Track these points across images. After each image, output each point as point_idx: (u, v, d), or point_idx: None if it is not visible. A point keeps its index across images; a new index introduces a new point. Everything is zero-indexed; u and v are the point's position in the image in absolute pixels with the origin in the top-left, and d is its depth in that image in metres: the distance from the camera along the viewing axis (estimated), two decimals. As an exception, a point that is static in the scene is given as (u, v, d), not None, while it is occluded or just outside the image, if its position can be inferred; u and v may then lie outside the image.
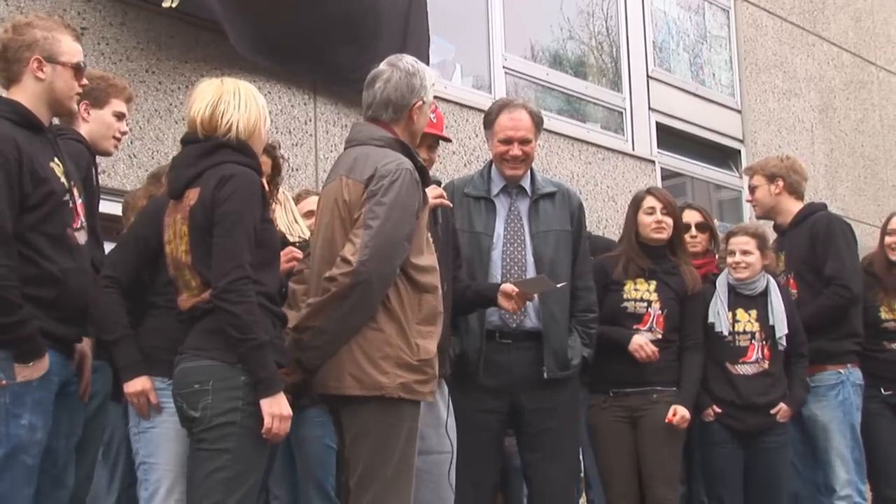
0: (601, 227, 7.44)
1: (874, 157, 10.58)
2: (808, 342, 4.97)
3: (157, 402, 3.36)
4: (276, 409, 3.10)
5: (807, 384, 4.97)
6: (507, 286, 4.00)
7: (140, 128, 5.23)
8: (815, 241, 5.13)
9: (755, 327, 4.83)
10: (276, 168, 4.11)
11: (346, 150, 3.58)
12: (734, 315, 4.85)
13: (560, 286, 4.11)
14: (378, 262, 3.25)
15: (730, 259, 4.92)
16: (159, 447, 3.38)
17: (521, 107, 4.38)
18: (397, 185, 3.31)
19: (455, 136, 6.48)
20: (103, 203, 3.98)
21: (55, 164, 3.26)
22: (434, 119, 3.96)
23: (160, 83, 5.38)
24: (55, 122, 3.52)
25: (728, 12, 9.46)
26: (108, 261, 3.55)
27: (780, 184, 5.32)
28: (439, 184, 4.07)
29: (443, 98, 6.22)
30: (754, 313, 4.86)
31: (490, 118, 4.41)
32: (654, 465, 4.55)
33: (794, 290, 5.13)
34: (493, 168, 4.41)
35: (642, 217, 4.74)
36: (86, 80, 3.41)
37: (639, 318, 4.63)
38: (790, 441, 4.95)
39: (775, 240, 5.40)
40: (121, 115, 3.93)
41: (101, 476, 3.90)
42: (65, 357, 3.28)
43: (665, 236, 4.73)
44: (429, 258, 3.46)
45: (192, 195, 3.20)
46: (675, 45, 8.92)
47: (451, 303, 3.87)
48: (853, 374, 5.09)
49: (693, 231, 5.10)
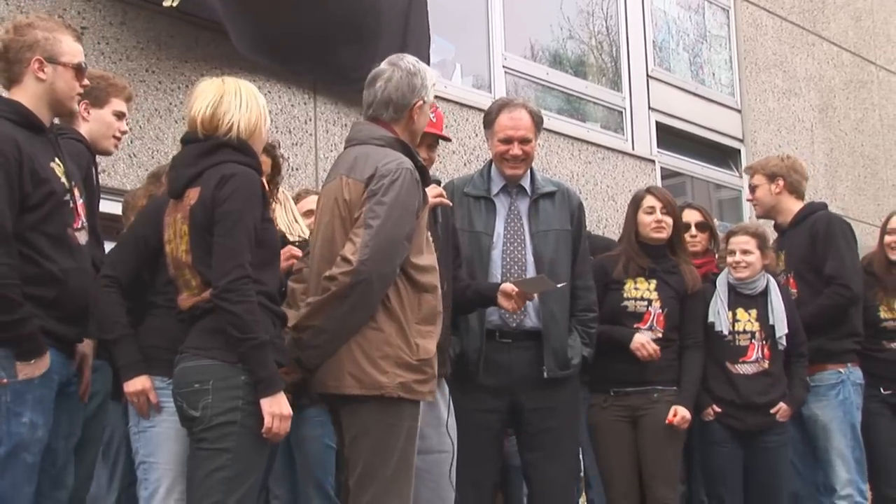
0: (601, 226, 7.44)
1: (874, 156, 10.58)
2: (808, 341, 4.96)
3: (157, 401, 3.35)
4: (277, 408, 3.10)
5: (807, 384, 4.97)
6: (507, 286, 4.00)
7: (140, 127, 5.23)
8: (815, 240, 5.13)
9: (755, 327, 4.83)
10: (276, 167, 4.11)
11: (346, 149, 3.58)
12: (734, 314, 4.85)
13: (560, 286, 4.11)
14: (378, 261, 3.25)
15: (730, 258, 4.92)
16: (159, 446, 3.37)
17: (521, 106, 4.38)
18: (398, 184, 3.31)
19: (455, 135, 6.48)
20: (103, 202, 3.98)
21: (56, 164, 3.26)
22: (434, 118, 3.95)
23: (160, 82, 5.38)
24: (55, 121, 3.52)
25: (728, 12, 9.46)
26: (107, 260, 3.54)
27: (781, 183, 5.32)
28: (439, 183, 4.07)
29: (443, 97, 6.21)
30: (754, 313, 4.86)
31: (490, 118, 4.41)
32: (655, 465, 4.55)
33: (793, 290, 5.13)
34: (492, 167, 4.41)
35: (642, 216, 4.74)
36: (87, 81, 3.41)
37: (639, 317, 4.63)
38: (790, 440, 4.95)
39: (776, 239, 5.39)
40: (121, 115, 3.93)
41: (100, 475, 3.90)
42: (66, 357, 3.28)
43: (665, 236, 4.73)
44: (428, 258, 3.46)
45: (193, 194, 3.20)
46: (675, 45, 8.92)
47: (451, 302, 3.87)
48: (853, 374, 5.09)
49: (693, 230, 5.10)
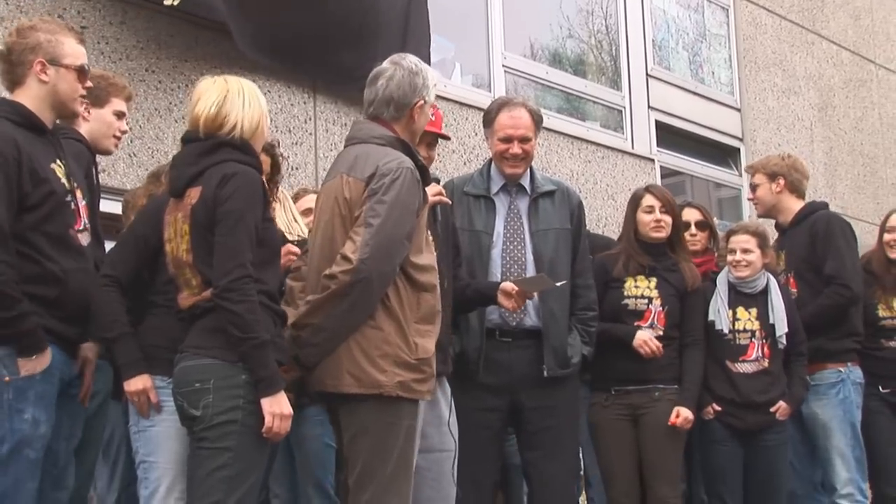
0: (601, 225, 7.44)
1: (873, 155, 10.58)
2: (808, 341, 4.96)
3: (157, 400, 3.36)
4: (277, 407, 3.10)
5: (806, 382, 4.97)
6: (507, 284, 4.00)
7: (140, 127, 5.23)
8: (815, 239, 5.13)
9: (755, 325, 4.83)
10: (276, 167, 4.10)
11: (346, 147, 3.58)
12: (734, 313, 4.85)
13: (560, 284, 4.12)
14: (378, 260, 3.26)
15: (730, 257, 4.92)
16: (159, 446, 3.37)
17: (521, 105, 4.38)
18: (398, 183, 3.32)
19: (454, 134, 6.48)
20: (103, 202, 3.98)
21: (57, 165, 3.26)
22: (433, 117, 3.95)
23: (160, 82, 5.38)
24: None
25: (727, 10, 9.45)
26: (107, 259, 3.54)
27: (782, 182, 5.32)
28: (438, 181, 4.07)
29: (442, 96, 6.20)
30: (754, 311, 4.86)
31: (490, 117, 4.41)
32: (656, 464, 4.55)
33: (793, 289, 5.13)
34: (492, 166, 4.41)
35: (641, 216, 4.74)
36: (89, 82, 3.42)
37: (640, 315, 4.63)
38: (789, 439, 4.95)
39: (776, 239, 5.39)
40: (121, 114, 3.93)
41: (101, 474, 3.91)
42: (68, 356, 3.28)
43: (664, 235, 4.73)
44: (428, 257, 3.46)
45: (194, 194, 3.20)
46: (675, 44, 8.92)
47: (451, 301, 3.87)
48: (853, 373, 5.09)
49: (693, 229, 5.10)
